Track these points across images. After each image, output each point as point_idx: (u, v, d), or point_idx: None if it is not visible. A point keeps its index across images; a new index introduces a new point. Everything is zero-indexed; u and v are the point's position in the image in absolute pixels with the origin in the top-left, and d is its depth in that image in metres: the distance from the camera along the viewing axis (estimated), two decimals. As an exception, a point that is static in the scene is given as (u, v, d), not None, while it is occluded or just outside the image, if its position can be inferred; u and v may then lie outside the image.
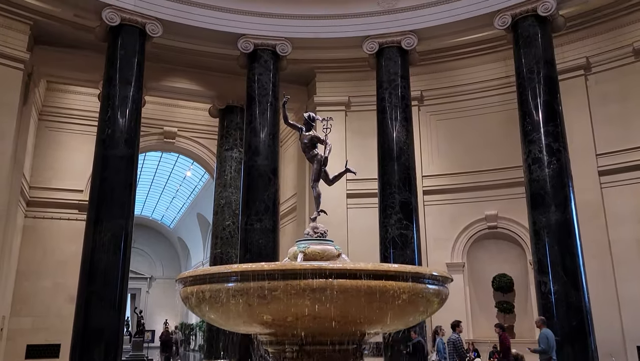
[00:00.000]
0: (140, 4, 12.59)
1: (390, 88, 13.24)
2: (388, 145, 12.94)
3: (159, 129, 18.35)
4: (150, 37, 12.86)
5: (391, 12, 13.50)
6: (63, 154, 16.58)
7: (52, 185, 16.23)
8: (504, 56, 14.36)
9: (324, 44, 14.22)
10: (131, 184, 11.86)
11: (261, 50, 13.59)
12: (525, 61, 12.00)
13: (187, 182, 29.39)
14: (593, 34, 13.59)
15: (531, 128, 11.60)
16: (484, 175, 14.57)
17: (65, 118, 16.79)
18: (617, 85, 13.26)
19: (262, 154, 13.06)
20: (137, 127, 12.27)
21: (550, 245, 10.83)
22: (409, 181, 12.70)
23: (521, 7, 12.19)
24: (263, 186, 12.86)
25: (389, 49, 13.47)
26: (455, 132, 15.23)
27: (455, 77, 15.50)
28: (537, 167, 11.33)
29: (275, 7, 13.67)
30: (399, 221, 12.28)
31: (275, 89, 13.56)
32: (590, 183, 12.90)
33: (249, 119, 13.46)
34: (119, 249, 11.23)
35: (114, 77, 12.18)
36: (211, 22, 13.35)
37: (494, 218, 14.52)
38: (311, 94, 16.42)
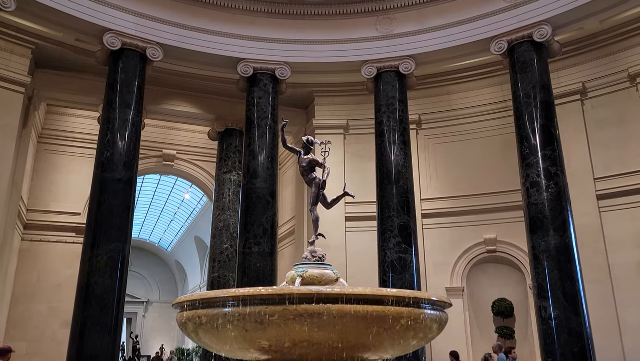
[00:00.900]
0: (141, 29, 12.74)
1: (388, 112, 13.32)
2: (386, 168, 12.96)
3: (158, 151, 18.39)
4: (151, 61, 12.97)
5: (389, 37, 13.67)
6: (61, 177, 16.58)
7: (49, 208, 16.18)
8: (501, 81, 14.52)
9: (323, 68, 14.35)
10: (129, 207, 11.81)
11: (260, 74, 13.71)
12: (522, 85, 12.11)
13: (185, 205, 29.34)
14: (589, 59, 13.77)
15: (529, 152, 11.64)
16: (482, 198, 14.57)
17: (64, 141, 16.83)
18: (613, 110, 13.37)
19: (261, 177, 13.06)
20: (136, 150, 12.29)
21: (550, 270, 10.77)
22: (408, 204, 12.69)
23: (517, 33, 12.35)
24: (261, 209, 12.83)
25: (387, 74, 13.59)
26: (454, 155, 15.29)
27: (453, 101, 15.64)
28: (535, 191, 11.34)
29: (274, 32, 13.84)
30: (397, 245, 12.23)
31: (274, 112, 13.64)
32: (589, 206, 12.91)
33: (247, 142, 13.49)
34: (115, 273, 11.13)
35: (114, 101, 12.25)
36: (211, 46, 13.49)
37: (493, 242, 14.47)
38: (310, 117, 16.52)
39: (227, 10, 13.60)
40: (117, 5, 12.51)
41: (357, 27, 13.85)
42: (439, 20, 13.28)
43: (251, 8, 13.67)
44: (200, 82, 15.58)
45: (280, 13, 13.81)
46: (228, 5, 13.55)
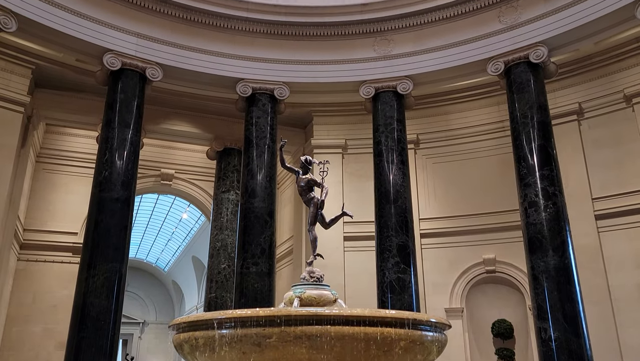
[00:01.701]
0: (141, 50, 12.84)
1: (386, 131, 13.38)
2: (385, 188, 12.96)
3: (157, 171, 18.39)
4: (150, 81, 13.05)
5: (387, 58, 13.79)
6: (59, 196, 16.54)
7: (46, 227, 16.11)
8: (498, 101, 14.62)
9: (322, 88, 14.45)
10: (126, 226, 11.76)
11: (259, 94, 13.79)
12: (519, 106, 12.19)
13: (183, 224, 29.23)
14: (585, 80, 13.89)
15: (527, 172, 11.67)
16: (481, 218, 14.55)
17: (62, 160, 16.84)
18: (610, 130, 13.44)
19: (259, 197, 13.04)
20: (134, 170, 12.28)
21: (550, 290, 10.70)
22: (406, 224, 12.65)
23: (513, 55, 12.48)
24: (259, 228, 12.78)
25: (385, 94, 13.68)
26: (452, 175, 15.31)
27: (451, 121, 15.72)
28: (534, 211, 11.33)
29: (273, 52, 13.97)
30: (396, 265, 12.16)
31: (272, 132, 13.68)
32: (587, 227, 12.89)
33: (246, 161, 13.51)
34: (112, 294, 11.02)
35: (113, 120, 12.29)
36: (211, 66, 13.59)
37: (492, 262, 14.40)
38: (308, 137, 16.57)
39: (227, 31, 13.73)
40: (117, 27, 12.64)
41: (356, 48, 13.99)
42: (436, 41, 13.42)
43: (250, 29, 13.81)
44: (199, 101, 15.66)
45: (279, 34, 13.95)
46: (227, 26, 13.69)
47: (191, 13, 13.33)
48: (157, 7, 13.03)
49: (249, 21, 13.71)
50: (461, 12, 13.13)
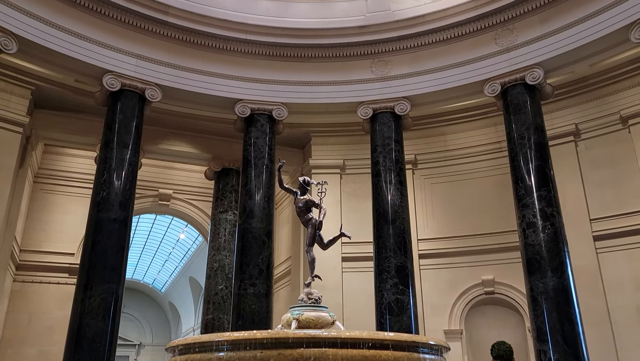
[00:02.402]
0: (140, 70, 12.94)
1: (384, 152, 13.43)
2: (383, 208, 12.95)
3: (154, 191, 18.37)
4: (149, 102, 13.12)
5: (384, 79, 13.92)
6: (56, 217, 16.48)
7: (43, 248, 16.00)
8: (495, 122, 14.71)
9: (320, 109, 14.54)
10: (124, 247, 11.70)
11: (258, 115, 13.86)
12: (516, 127, 12.27)
13: (180, 245, 29.12)
14: (581, 101, 14.00)
15: (524, 193, 11.68)
16: (479, 239, 14.51)
17: (60, 180, 16.81)
18: (606, 151, 13.51)
19: (257, 217, 13.01)
20: (132, 190, 12.27)
21: (549, 312, 10.63)
22: (405, 244, 12.62)
23: (510, 76, 12.60)
24: (257, 249, 12.73)
25: (382, 114, 13.76)
26: (450, 195, 15.33)
27: (449, 141, 15.80)
28: (532, 232, 11.32)
29: (272, 73, 14.09)
30: (394, 286, 12.09)
31: (271, 152, 13.72)
32: (586, 248, 12.85)
33: (244, 181, 13.52)
34: (108, 315, 10.91)
35: (111, 141, 12.32)
36: (209, 87, 13.68)
37: (491, 283, 14.32)
38: (307, 157, 16.61)
39: (225, 52, 13.86)
40: (117, 48, 12.74)
41: (353, 69, 14.11)
42: (434, 63, 13.56)
43: (249, 50, 13.94)
44: (197, 122, 15.73)
45: (277, 55, 14.09)
46: (226, 47, 13.82)
47: (191, 35, 13.47)
48: (157, 29, 13.17)
49: (248, 43, 13.85)
50: (458, 35, 13.30)
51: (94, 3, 12.38)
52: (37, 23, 11.68)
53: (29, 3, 11.60)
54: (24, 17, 11.49)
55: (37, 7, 11.71)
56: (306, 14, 14.41)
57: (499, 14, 12.77)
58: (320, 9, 14.55)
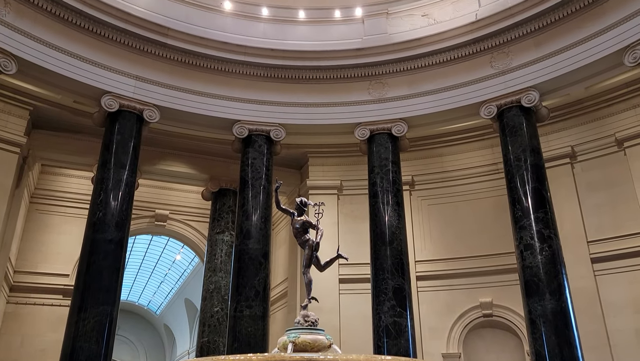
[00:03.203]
0: (139, 91, 13.00)
1: (381, 173, 13.45)
2: (380, 229, 12.92)
3: (151, 211, 18.30)
4: (147, 123, 13.15)
5: (381, 101, 14.02)
6: (52, 237, 16.36)
7: (38, 269, 15.85)
8: (492, 144, 14.77)
9: (317, 130, 14.62)
10: (119, 268, 11.61)
11: (255, 136, 13.91)
12: (512, 149, 12.32)
13: (176, 266, 28.90)
14: (577, 124, 14.11)
15: (521, 214, 11.68)
16: (477, 261, 14.44)
17: (56, 201, 16.74)
18: (602, 173, 13.55)
19: (254, 238, 12.95)
20: (128, 211, 12.22)
21: (548, 335, 10.53)
22: (402, 266, 12.54)
23: (506, 99, 12.70)
24: (254, 270, 12.64)
25: (379, 135, 13.82)
26: (447, 217, 15.29)
27: (445, 163, 15.83)
28: (530, 254, 11.28)
29: (270, 94, 14.18)
30: (392, 308, 11.98)
31: (268, 172, 13.72)
32: (584, 270, 12.80)
33: (241, 202, 13.49)
34: (102, 338, 10.76)
35: (109, 161, 12.31)
36: (208, 108, 13.75)
37: (489, 306, 14.20)
38: (304, 178, 16.61)
39: (224, 73, 13.97)
40: (116, 69, 12.83)
41: (351, 90, 14.22)
42: (430, 85, 13.69)
43: (247, 72, 14.05)
44: (195, 142, 15.75)
45: (275, 77, 14.20)
46: (225, 69, 13.93)
47: (189, 56, 13.59)
48: (156, 51, 13.29)
49: (246, 64, 13.96)
50: (454, 58, 13.46)
51: (94, 25, 12.50)
52: (37, 44, 11.78)
53: (28, 24, 11.71)
54: (23, 38, 11.59)
55: (36, 28, 11.82)
56: (304, 37, 14.58)
57: (494, 38, 12.94)
58: (318, 32, 14.73)
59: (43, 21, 11.91)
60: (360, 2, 15.80)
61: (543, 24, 12.34)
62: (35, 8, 11.79)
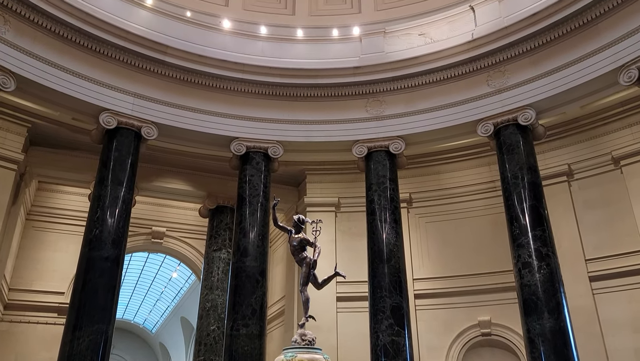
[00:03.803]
0: (137, 109, 13.04)
1: (379, 190, 13.45)
2: (378, 247, 12.88)
3: (148, 229, 18.23)
4: (145, 140, 13.17)
5: (379, 118, 14.09)
6: (47, 255, 16.26)
7: (33, 287, 15.72)
8: (489, 161, 14.81)
9: (315, 147, 14.65)
10: (115, 286, 11.51)
11: (253, 153, 13.93)
12: (509, 166, 12.36)
13: (172, 283, 28.70)
14: (573, 142, 14.18)
15: (519, 232, 11.66)
16: (475, 279, 14.37)
17: (53, 218, 16.67)
18: (599, 191, 13.57)
19: (251, 255, 12.89)
20: (125, 228, 12.17)
21: (546, 355, 10.43)
22: (400, 284, 12.48)
23: (502, 117, 12.78)
24: (251, 288, 12.55)
25: (377, 153, 13.86)
26: (445, 235, 15.26)
27: (443, 180, 15.86)
28: (528, 272, 11.24)
29: (268, 112, 14.24)
30: (390, 327, 11.88)
31: (266, 190, 13.72)
32: (582, 288, 12.74)
33: (238, 219, 13.45)
34: (97, 357, 10.61)
35: (106, 178, 12.29)
36: (206, 125, 13.79)
37: (488, 324, 14.10)
38: (302, 195, 16.60)
39: (222, 91, 14.04)
40: (114, 86, 12.88)
41: (348, 108, 14.29)
42: (427, 103, 13.77)
43: (245, 89, 14.13)
44: (192, 159, 15.77)
45: (273, 94, 14.27)
46: (223, 86, 14.01)
47: (188, 74, 13.67)
48: (155, 68, 13.36)
49: (245, 82, 14.04)
50: (451, 76, 13.56)
51: (93, 43, 12.58)
52: (36, 62, 11.82)
53: (28, 42, 11.77)
54: (22, 55, 11.64)
55: (36, 46, 11.87)
56: (302, 55, 14.69)
57: (491, 57, 13.06)
58: (316, 50, 14.85)
59: (42, 39, 11.97)
60: (358, 21, 16.01)
61: (538, 43, 12.47)
62: (35, 26, 11.86)
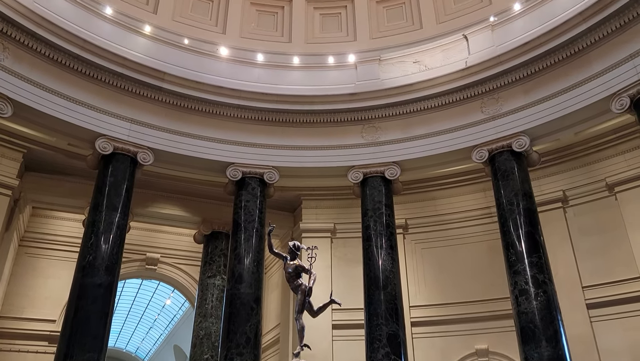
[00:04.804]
0: (133, 134, 13.06)
1: (375, 216, 13.42)
2: (374, 273, 12.77)
3: (142, 255, 18.05)
4: (141, 165, 13.15)
5: (375, 144, 14.16)
6: (39, 281, 16.01)
7: (24, 315, 15.41)
8: (484, 187, 14.84)
9: (311, 173, 14.66)
10: (107, 313, 11.33)
11: (249, 178, 13.91)
12: (505, 193, 12.39)
13: (166, 311, 28.32)
14: (568, 168, 14.26)
15: (515, 259, 11.62)
16: (472, 306, 14.24)
17: (46, 244, 16.47)
18: (594, 218, 13.60)
19: (246, 282, 12.76)
20: (119, 254, 12.06)
21: (546, 385, 10.28)
22: (396, 311, 12.34)
23: (497, 143, 12.87)
24: (245, 315, 12.38)
25: (373, 179, 13.87)
26: (441, 261, 15.18)
27: (439, 206, 15.86)
28: (525, 299, 11.15)
29: (264, 138, 14.28)
30: (386, 356, 11.69)
31: (261, 215, 13.67)
32: (580, 316, 12.64)
33: (233, 245, 13.36)
34: (87, 387, 10.40)
35: (101, 204, 12.22)
36: (202, 151, 13.81)
37: (485, 353, 13.92)
38: (297, 221, 16.54)
39: (218, 117, 14.10)
40: (111, 112, 12.92)
41: (344, 134, 14.36)
42: (422, 129, 13.86)
43: (242, 115, 14.20)
44: (188, 185, 15.73)
45: (269, 120, 14.34)
46: (219, 112, 14.07)
47: (185, 100, 13.74)
48: (152, 94, 13.43)
49: (241, 108, 14.12)
50: (445, 103, 13.70)
51: (91, 69, 12.66)
52: (33, 88, 11.87)
53: (26, 69, 11.83)
54: (20, 82, 11.69)
55: (33, 72, 11.93)
56: (298, 81, 14.83)
57: (484, 84, 13.23)
58: (312, 77, 14.99)
59: (40, 65, 12.03)
60: (353, 48, 16.23)
61: (531, 71, 12.65)
62: (34, 53, 11.93)
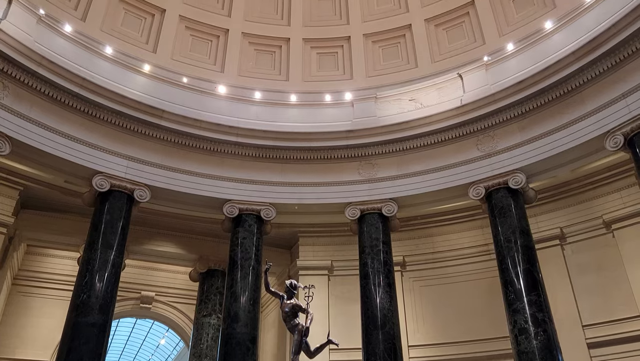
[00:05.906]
0: (130, 172, 13.08)
1: (372, 253, 13.33)
2: (372, 312, 12.60)
3: (137, 293, 17.83)
4: (138, 202, 13.12)
5: (372, 181, 14.19)
6: (32, 321, 15.74)
7: (15, 355, 15.10)
8: (482, 224, 14.81)
9: (308, 210, 14.64)
10: (100, 354, 11.09)
11: (246, 215, 13.88)
12: (502, 229, 12.35)
13: (160, 351, 27.75)
14: (565, 205, 14.26)
15: (514, 297, 11.49)
16: (472, 346, 13.97)
17: (39, 282, 16.29)
18: (592, 255, 13.52)
19: (242, 321, 12.55)
20: (114, 293, 11.89)
21: None
22: (395, 351, 12.11)
23: (493, 180, 12.91)
24: (241, 356, 12.13)
25: (370, 215, 13.85)
26: (440, 299, 15.00)
27: (436, 243, 15.78)
28: (524, 339, 10.97)
29: (261, 174, 14.32)
30: (385, 399, 11.41)
31: (258, 253, 13.56)
32: (581, 356, 12.42)
33: (229, 283, 13.20)
34: None
35: (96, 241, 12.13)
36: (199, 188, 13.81)
37: (487, 397, 13.60)
38: (294, 258, 16.42)
39: (216, 154, 14.16)
40: (108, 150, 12.97)
41: (341, 171, 14.42)
42: (419, 166, 13.92)
43: (239, 152, 14.27)
44: (184, 222, 15.67)
45: (267, 157, 14.40)
46: (217, 149, 14.14)
47: (183, 137, 13.81)
48: (150, 132, 13.51)
49: (239, 145, 14.20)
50: (441, 140, 13.80)
51: (89, 107, 12.76)
52: (32, 126, 11.92)
53: (25, 107, 11.92)
54: (19, 120, 11.75)
55: (33, 110, 12.02)
56: (295, 119, 14.98)
57: (480, 122, 13.36)
58: (309, 114, 15.15)
59: (40, 103, 12.13)
60: (350, 87, 16.48)
61: (525, 109, 12.80)
62: (33, 91, 12.04)
